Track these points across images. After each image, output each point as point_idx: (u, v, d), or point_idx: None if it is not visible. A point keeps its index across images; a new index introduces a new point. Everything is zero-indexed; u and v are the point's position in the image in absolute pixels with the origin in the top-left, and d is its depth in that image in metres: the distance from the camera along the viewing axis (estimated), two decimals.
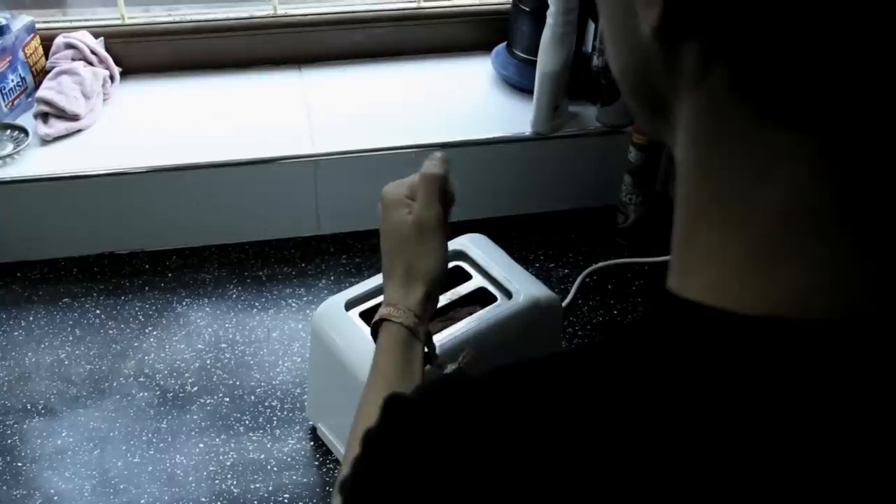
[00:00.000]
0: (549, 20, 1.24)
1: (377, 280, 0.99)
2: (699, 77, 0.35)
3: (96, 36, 1.37)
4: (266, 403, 1.10)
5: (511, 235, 1.34)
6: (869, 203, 0.34)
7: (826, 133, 0.33)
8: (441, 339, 0.91)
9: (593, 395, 0.36)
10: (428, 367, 0.81)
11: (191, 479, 1.00)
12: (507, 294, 0.97)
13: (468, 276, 1.00)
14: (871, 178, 0.33)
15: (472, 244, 1.04)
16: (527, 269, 1.03)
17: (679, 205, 0.39)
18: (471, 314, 0.95)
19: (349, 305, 0.96)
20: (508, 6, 1.42)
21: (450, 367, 0.87)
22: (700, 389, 0.33)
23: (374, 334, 0.79)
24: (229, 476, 1.01)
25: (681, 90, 0.37)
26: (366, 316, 0.95)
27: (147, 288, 1.26)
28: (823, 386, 0.33)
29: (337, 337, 0.94)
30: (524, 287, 0.97)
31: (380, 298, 0.97)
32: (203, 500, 0.98)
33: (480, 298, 0.99)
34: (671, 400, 0.34)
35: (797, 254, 0.34)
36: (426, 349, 0.79)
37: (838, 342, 0.33)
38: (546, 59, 1.27)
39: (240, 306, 1.23)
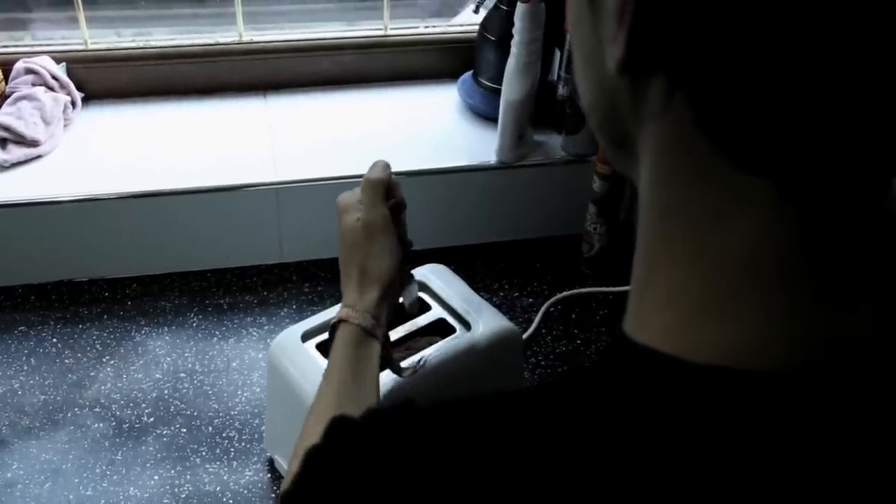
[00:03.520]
0: (514, 49, 1.24)
1: (335, 311, 0.98)
2: (663, 112, 0.34)
3: (58, 61, 1.36)
4: (224, 434, 1.08)
5: (476, 264, 1.33)
6: (829, 252, 0.33)
7: (787, 179, 0.32)
8: None
9: (533, 438, 0.35)
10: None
11: None
12: (467, 325, 0.97)
13: (427, 307, 0.99)
14: (831, 227, 0.33)
15: (432, 275, 1.03)
16: (491, 298, 1.02)
17: (639, 245, 0.38)
18: (430, 344, 0.95)
19: (305, 337, 0.95)
20: (474, 34, 1.42)
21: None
22: (641, 441, 0.33)
23: (332, 337, 0.80)
24: None
25: (646, 126, 0.36)
26: (322, 348, 0.94)
27: (105, 316, 1.24)
28: (766, 441, 0.32)
29: (293, 369, 0.93)
30: (483, 318, 0.96)
31: None
32: None
33: (440, 330, 0.98)
34: (610, 449, 0.33)
35: (755, 301, 0.33)
36: (384, 351, 0.80)
37: (787, 397, 0.32)
38: (510, 87, 1.27)
39: (200, 335, 1.22)
